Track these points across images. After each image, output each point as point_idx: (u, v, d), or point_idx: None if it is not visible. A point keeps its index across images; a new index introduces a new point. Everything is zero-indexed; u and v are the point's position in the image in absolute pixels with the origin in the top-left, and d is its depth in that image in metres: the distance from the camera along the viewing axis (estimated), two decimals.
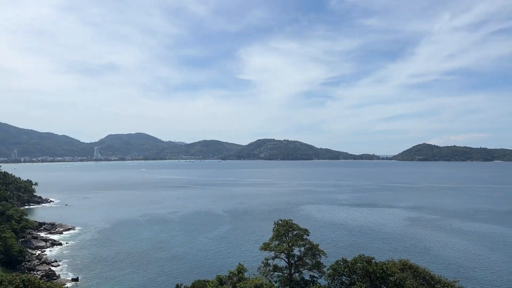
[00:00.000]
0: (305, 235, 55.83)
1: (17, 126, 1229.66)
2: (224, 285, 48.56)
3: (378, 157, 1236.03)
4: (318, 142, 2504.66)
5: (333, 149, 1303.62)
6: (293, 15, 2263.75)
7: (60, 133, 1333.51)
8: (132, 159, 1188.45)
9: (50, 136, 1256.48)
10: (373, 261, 46.48)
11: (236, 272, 50.57)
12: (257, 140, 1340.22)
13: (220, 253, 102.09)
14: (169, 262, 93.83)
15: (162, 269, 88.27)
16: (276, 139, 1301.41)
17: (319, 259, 53.91)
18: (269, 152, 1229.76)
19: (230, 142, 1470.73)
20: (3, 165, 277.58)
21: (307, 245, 54.63)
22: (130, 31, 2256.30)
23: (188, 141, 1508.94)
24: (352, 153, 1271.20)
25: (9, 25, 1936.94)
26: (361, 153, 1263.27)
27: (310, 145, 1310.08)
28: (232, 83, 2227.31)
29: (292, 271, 54.66)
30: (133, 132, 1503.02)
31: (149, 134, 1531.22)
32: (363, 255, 48.00)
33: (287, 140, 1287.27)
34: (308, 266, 53.82)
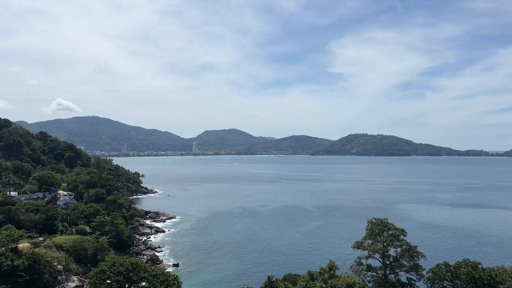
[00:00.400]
0: (401, 236, 52.63)
1: (126, 123, 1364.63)
2: (315, 280, 48.07)
3: (487, 153, 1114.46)
4: (416, 137, 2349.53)
5: (434, 145, 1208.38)
6: (389, 3, 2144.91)
7: (163, 130, 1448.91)
8: (226, 154, 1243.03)
9: (154, 132, 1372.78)
10: (480, 266, 42.05)
11: (328, 268, 49.72)
12: (348, 135, 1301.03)
13: (310, 249, 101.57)
14: (261, 254, 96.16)
15: (255, 260, 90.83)
16: (369, 133, 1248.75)
17: (417, 261, 50.46)
18: (362, 148, 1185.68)
19: (319, 137, 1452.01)
20: (115, 158, 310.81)
21: (404, 246, 51.47)
22: (224, 32, 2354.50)
23: (278, 136, 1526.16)
24: (456, 149, 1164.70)
25: (120, 32, 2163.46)
26: (467, 149, 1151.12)
27: (407, 140, 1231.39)
28: (323, 77, 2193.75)
29: (387, 272, 51.98)
30: (227, 128, 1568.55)
31: (241, 130, 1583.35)
32: (468, 260, 43.76)
33: (381, 135, 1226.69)
34: (405, 268, 50.74)
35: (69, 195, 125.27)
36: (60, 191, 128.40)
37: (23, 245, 73.21)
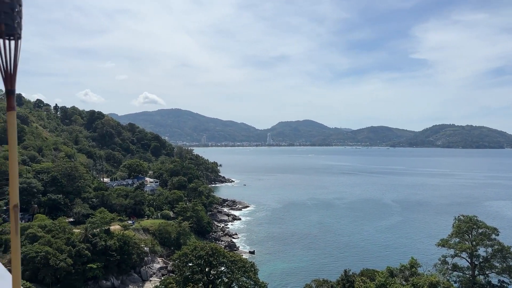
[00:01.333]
0: (493, 235, 48.19)
1: (205, 115, 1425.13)
2: (395, 277, 46.05)
3: None
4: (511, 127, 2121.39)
5: None
6: None
7: (239, 121, 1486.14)
8: (300, 145, 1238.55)
9: (231, 124, 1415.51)
10: None
11: (409, 266, 47.30)
12: (433, 125, 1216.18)
13: (389, 244, 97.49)
14: (337, 247, 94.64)
15: (330, 253, 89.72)
16: (456, 124, 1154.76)
17: (510, 263, 45.84)
18: (448, 139, 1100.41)
19: (400, 128, 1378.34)
20: (195, 148, 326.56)
21: (496, 246, 47.09)
22: (299, 21, 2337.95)
23: (354, 127, 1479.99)
24: None
25: (200, 27, 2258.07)
26: None
27: (501, 131, 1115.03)
28: (404, 64, 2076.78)
29: (476, 272, 47.99)
30: (301, 119, 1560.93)
31: (315, 121, 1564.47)
32: None
33: (471, 126, 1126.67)
34: (497, 270, 46.48)
35: (155, 182, 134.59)
36: (147, 178, 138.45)
37: (115, 227, 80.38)
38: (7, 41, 1.47)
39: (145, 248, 79.87)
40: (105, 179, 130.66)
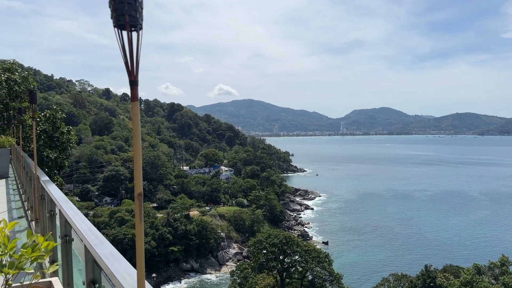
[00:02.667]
0: None
1: (277, 105, 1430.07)
2: (483, 275, 42.30)
3: None
4: None
5: None
6: None
7: (311, 110, 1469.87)
8: (376, 134, 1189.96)
9: (303, 113, 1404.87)
10: None
11: (499, 263, 43.13)
12: None
13: (476, 240, 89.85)
14: (416, 241, 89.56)
15: (409, 247, 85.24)
16: None
17: None
18: None
19: (489, 114, 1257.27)
20: (267, 138, 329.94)
21: None
22: (376, 3, 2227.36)
23: (437, 114, 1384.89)
24: None
25: (273, 17, 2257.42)
26: None
27: None
28: (494, 45, 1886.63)
29: None
30: (377, 107, 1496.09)
31: (393, 108, 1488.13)
32: None
33: None
34: None
35: (230, 171, 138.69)
36: (222, 167, 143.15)
37: (193, 212, 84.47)
38: (130, 33, 1.46)
39: (222, 234, 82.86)
40: (184, 168, 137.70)
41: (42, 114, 26.57)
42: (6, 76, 22.81)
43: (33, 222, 7.73)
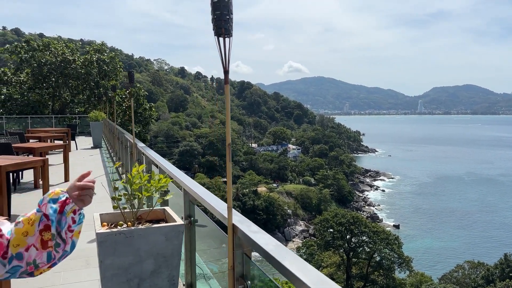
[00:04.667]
0: None
1: (348, 82, 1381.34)
2: None
3: None
4: None
5: None
6: None
7: (385, 88, 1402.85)
8: (458, 113, 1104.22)
9: (376, 90, 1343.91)
10: None
11: None
12: None
13: None
14: (497, 229, 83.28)
15: (488, 234, 79.67)
16: None
17: None
18: None
19: None
20: (337, 117, 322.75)
21: None
22: None
23: None
24: None
25: None
26: None
27: None
28: None
29: None
30: (460, 84, 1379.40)
31: (478, 85, 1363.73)
32: None
33: None
34: None
35: (297, 149, 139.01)
36: (290, 145, 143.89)
37: (261, 189, 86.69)
38: (226, 39, 2.31)
39: (288, 211, 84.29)
40: (253, 145, 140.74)
41: (128, 91, 29.02)
42: (96, 56, 25.20)
43: None
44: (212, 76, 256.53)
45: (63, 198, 1.45)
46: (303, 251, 52.50)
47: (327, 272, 46.29)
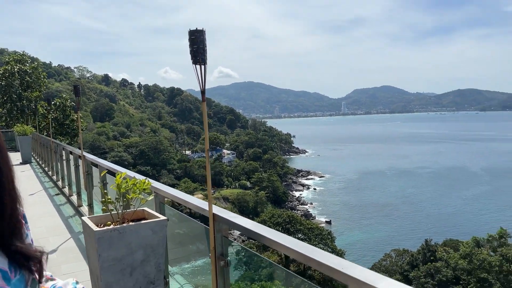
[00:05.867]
0: None
1: (277, 86, 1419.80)
2: (482, 248, 43.83)
3: None
4: None
5: None
6: None
7: (312, 91, 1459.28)
8: (378, 113, 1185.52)
9: (303, 94, 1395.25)
10: None
11: (497, 236, 44.59)
12: None
13: (475, 215, 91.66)
14: (417, 218, 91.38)
15: (410, 224, 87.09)
16: None
17: None
18: None
19: (491, 90, 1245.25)
20: (268, 120, 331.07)
21: None
22: None
23: (439, 91, 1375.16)
24: None
25: None
26: None
27: None
28: (497, 19, 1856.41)
29: None
30: (378, 86, 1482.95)
31: (395, 86, 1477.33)
32: None
33: None
34: None
35: (232, 154, 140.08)
36: (224, 150, 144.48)
37: (197, 196, 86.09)
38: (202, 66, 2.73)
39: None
40: (187, 152, 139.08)
41: (52, 103, 27.54)
42: (18, 67, 23.67)
43: (72, 197, 8.93)
44: (140, 83, 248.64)
45: None
46: (243, 254, 53.19)
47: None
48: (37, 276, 1.34)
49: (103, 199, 3.08)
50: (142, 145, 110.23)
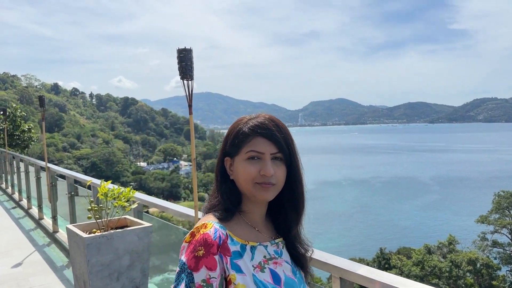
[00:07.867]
0: None
1: (235, 97, 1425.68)
2: (433, 254, 46.14)
3: None
4: None
5: None
6: None
7: (270, 102, 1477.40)
8: (333, 124, 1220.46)
9: (261, 105, 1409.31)
10: None
11: (447, 243, 47.15)
12: (474, 99, 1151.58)
13: (426, 222, 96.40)
14: (372, 226, 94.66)
15: (365, 232, 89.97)
16: (499, 97, 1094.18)
17: None
18: (490, 114, 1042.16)
19: (439, 103, 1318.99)
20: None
21: None
22: None
23: (390, 104, 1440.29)
24: None
25: (227, 6, 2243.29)
26: None
27: None
28: (442, 36, 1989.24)
29: None
30: (333, 98, 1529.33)
31: (349, 99, 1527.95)
32: None
33: None
34: None
35: (190, 165, 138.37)
36: (182, 162, 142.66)
37: (153, 210, 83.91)
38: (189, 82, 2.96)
39: (183, 229, 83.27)
40: (142, 163, 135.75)
41: (1, 113, 26.12)
42: None
43: (31, 210, 8.62)
44: (91, 92, 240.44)
45: None
46: None
47: None
48: None
49: (89, 208, 3.16)
50: (93, 156, 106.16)
